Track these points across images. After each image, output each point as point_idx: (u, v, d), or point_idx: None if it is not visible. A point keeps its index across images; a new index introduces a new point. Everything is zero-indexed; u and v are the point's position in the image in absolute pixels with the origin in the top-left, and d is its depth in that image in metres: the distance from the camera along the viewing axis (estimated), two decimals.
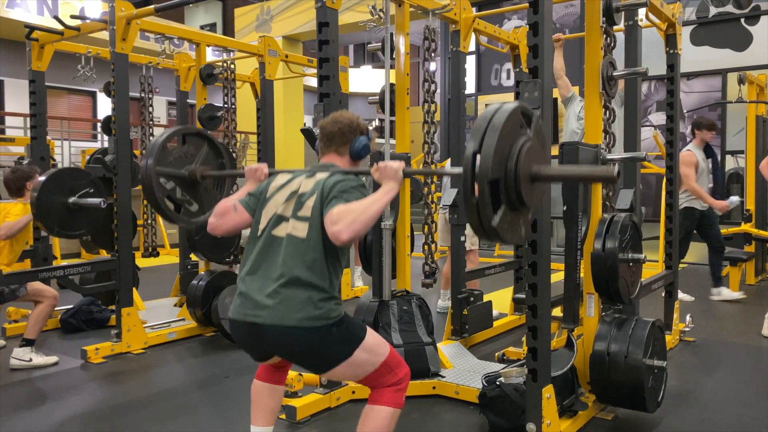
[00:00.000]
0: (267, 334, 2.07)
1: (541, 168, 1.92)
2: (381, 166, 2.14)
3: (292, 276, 2.05)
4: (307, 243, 2.08)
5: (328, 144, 2.34)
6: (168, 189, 3.25)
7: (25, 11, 11.12)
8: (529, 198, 1.91)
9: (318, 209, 2.10)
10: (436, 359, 3.54)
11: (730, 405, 3.34)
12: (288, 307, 2.03)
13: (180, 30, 5.74)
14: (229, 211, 2.32)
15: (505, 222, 1.87)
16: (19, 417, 3.23)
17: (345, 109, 2.44)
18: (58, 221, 4.14)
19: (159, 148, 3.17)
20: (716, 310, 5.58)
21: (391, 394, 2.18)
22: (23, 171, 4.32)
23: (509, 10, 9.51)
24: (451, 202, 4.06)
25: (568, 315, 3.04)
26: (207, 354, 4.36)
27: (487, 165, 1.79)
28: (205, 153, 3.39)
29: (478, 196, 1.80)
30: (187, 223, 3.41)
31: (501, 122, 1.84)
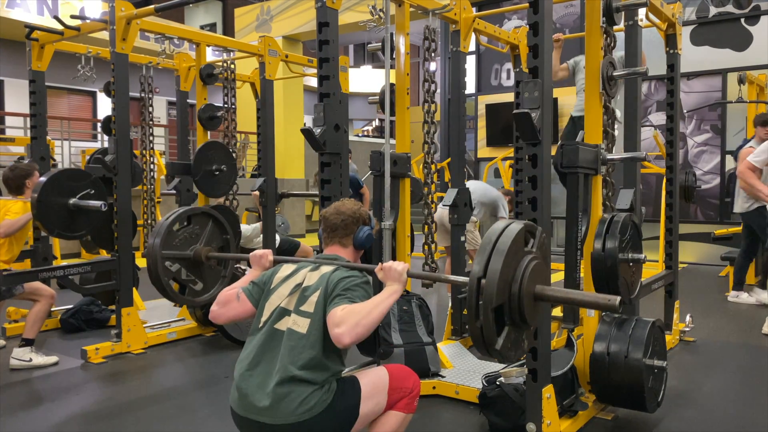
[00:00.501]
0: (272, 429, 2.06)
1: (544, 289, 1.95)
2: (385, 267, 2.16)
3: (289, 374, 2.03)
4: (307, 339, 2.07)
5: (332, 235, 2.36)
6: (173, 272, 3.28)
7: (25, 11, 11.12)
8: (532, 317, 1.94)
9: (321, 305, 2.09)
10: (436, 359, 3.54)
11: (730, 405, 3.34)
12: (287, 405, 2.01)
13: (180, 30, 5.74)
14: (231, 300, 2.32)
15: (509, 342, 1.91)
16: (19, 417, 3.23)
17: (347, 199, 2.47)
18: (58, 223, 4.13)
19: (165, 231, 3.19)
20: (716, 310, 5.58)
21: (405, 401, 2.21)
22: (22, 169, 4.30)
23: (509, 10, 9.51)
24: (451, 202, 4.06)
25: (568, 315, 3.04)
26: (207, 354, 4.36)
27: (491, 292, 1.82)
28: (210, 230, 3.42)
29: (483, 321, 1.82)
30: (192, 303, 3.43)
31: (506, 246, 1.85)
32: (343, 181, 3.39)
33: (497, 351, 1.87)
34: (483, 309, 1.82)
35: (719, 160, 8.40)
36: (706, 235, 7.94)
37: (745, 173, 4.90)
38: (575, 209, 2.97)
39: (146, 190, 6.51)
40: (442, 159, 10.07)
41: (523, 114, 2.52)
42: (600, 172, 3.10)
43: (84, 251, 8.29)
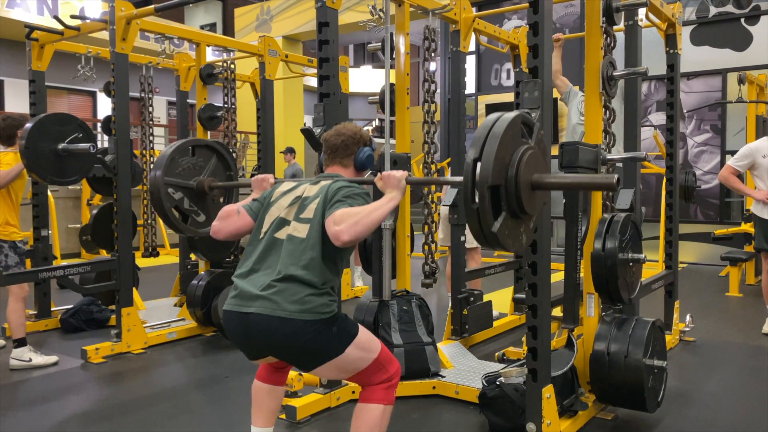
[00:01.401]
0: (258, 325, 2.04)
1: (541, 176, 1.92)
2: (384, 175, 2.18)
3: (288, 273, 2.05)
4: (306, 242, 2.09)
5: (332, 156, 2.37)
6: (176, 199, 3.27)
7: (25, 11, 11.12)
8: (530, 206, 1.91)
9: (320, 211, 2.11)
10: (436, 359, 3.54)
11: (730, 405, 3.34)
12: (281, 299, 2.02)
13: (180, 30, 5.74)
14: (232, 215, 2.33)
15: (506, 229, 1.87)
16: (19, 417, 3.23)
17: (347, 121, 2.47)
18: (49, 168, 4.05)
19: (168, 159, 3.18)
20: (716, 310, 5.58)
21: (382, 391, 2.18)
22: (14, 119, 4.22)
23: (509, 10, 9.50)
24: (451, 202, 4.06)
25: (568, 315, 3.04)
26: (207, 354, 4.36)
27: (487, 171, 1.80)
28: (214, 165, 3.42)
29: (479, 202, 1.80)
30: (194, 233, 3.42)
31: (501, 130, 1.84)
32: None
33: (494, 235, 1.84)
34: (479, 188, 1.80)
35: (719, 160, 8.40)
36: (706, 235, 7.94)
37: (729, 178, 4.80)
38: (575, 209, 2.97)
39: (146, 190, 6.51)
40: (442, 159, 10.07)
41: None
42: (600, 172, 3.10)
43: (84, 251, 8.29)
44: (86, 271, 4.47)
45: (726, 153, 8.34)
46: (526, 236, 2.01)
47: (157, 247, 6.56)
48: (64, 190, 8.94)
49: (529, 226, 2.03)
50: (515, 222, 1.92)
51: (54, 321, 4.95)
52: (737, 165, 4.77)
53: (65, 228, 9.00)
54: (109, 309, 5.01)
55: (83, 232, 7.79)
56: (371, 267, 3.74)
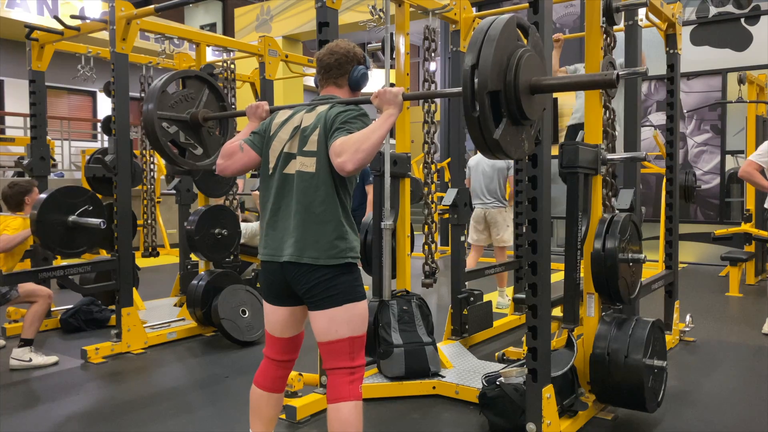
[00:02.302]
0: (290, 272, 2.16)
1: (540, 78, 1.89)
2: (380, 92, 2.14)
3: (309, 213, 2.12)
4: (318, 177, 2.13)
5: (326, 76, 2.33)
6: (171, 133, 3.22)
7: (25, 11, 11.12)
8: (530, 110, 1.88)
9: (323, 142, 2.13)
10: (436, 359, 3.54)
11: (730, 405, 3.34)
12: (308, 244, 2.12)
13: (180, 30, 5.74)
14: (236, 152, 2.33)
15: (507, 135, 1.84)
16: (19, 417, 3.23)
17: (341, 39, 2.40)
18: (58, 240, 4.13)
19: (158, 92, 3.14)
20: (716, 310, 5.58)
21: (347, 386, 2.18)
22: (21, 186, 4.30)
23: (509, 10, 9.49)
24: (452, 202, 4.06)
25: (568, 315, 3.04)
26: (207, 354, 4.36)
27: (485, 77, 1.76)
28: (206, 96, 3.38)
29: (479, 110, 1.78)
30: (193, 167, 3.38)
31: (497, 33, 1.80)
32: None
33: (496, 141, 1.81)
34: (479, 95, 1.77)
35: (719, 160, 8.40)
36: (706, 235, 7.94)
37: (753, 174, 4.63)
38: (575, 209, 2.97)
39: (146, 190, 6.51)
40: (442, 159, 10.07)
41: None
42: (600, 172, 3.10)
43: None
44: (86, 271, 4.47)
45: (726, 153, 8.35)
46: (528, 143, 1.99)
47: (157, 247, 6.56)
48: None
49: (531, 132, 2.00)
50: (516, 128, 1.89)
51: (54, 321, 4.95)
52: (761, 161, 4.69)
53: None
54: (109, 309, 5.01)
55: None
56: (371, 267, 3.74)
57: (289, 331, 2.32)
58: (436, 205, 4.15)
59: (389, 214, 3.48)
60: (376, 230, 3.59)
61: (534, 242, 2.60)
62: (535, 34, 2.00)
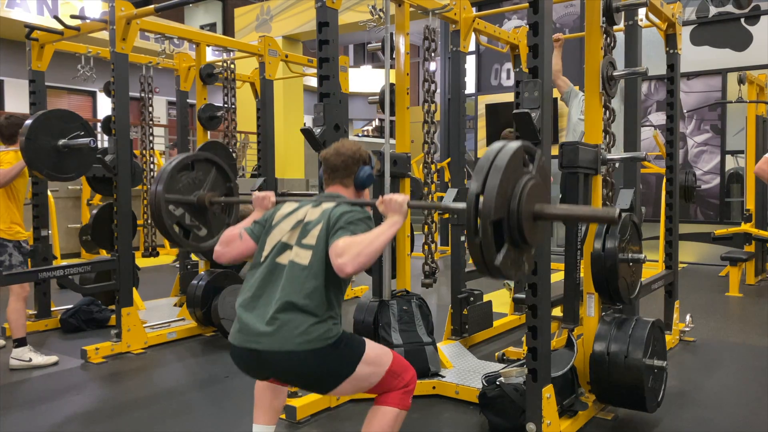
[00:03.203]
0: (269, 361, 2.06)
1: (543, 207, 1.92)
2: (386, 199, 2.16)
3: (290, 301, 2.04)
4: (309, 270, 2.08)
5: (332, 176, 2.36)
6: (177, 215, 3.26)
7: (25, 11, 11.12)
8: (532, 236, 1.91)
9: (323, 238, 2.10)
10: (436, 359, 3.54)
11: (730, 405, 3.34)
12: (286, 332, 2.01)
13: (180, 30, 5.74)
14: (234, 239, 2.32)
15: (508, 260, 1.88)
16: (19, 417, 3.23)
17: (346, 139, 2.46)
18: (48, 164, 4.02)
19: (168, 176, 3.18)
20: (716, 310, 5.58)
21: (399, 396, 2.19)
22: (17, 118, 4.21)
23: (509, 10, 9.50)
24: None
25: (568, 315, 3.04)
26: (207, 354, 4.36)
27: (490, 205, 1.79)
28: (214, 177, 3.41)
29: (481, 236, 1.81)
30: (196, 249, 3.42)
31: (504, 163, 1.83)
32: None
33: (497, 267, 1.83)
34: (482, 223, 1.79)
35: (719, 160, 8.40)
36: (706, 235, 7.94)
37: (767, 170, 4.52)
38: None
39: (146, 190, 6.51)
40: (442, 159, 10.07)
41: (523, 114, 2.52)
42: (600, 172, 3.10)
43: (84, 251, 8.29)
44: (86, 271, 4.47)
45: (726, 153, 8.35)
46: (528, 264, 2.02)
47: (157, 247, 6.56)
48: (64, 190, 8.94)
49: (531, 254, 2.04)
50: (517, 252, 1.93)
51: (54, 321, 4.95)
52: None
53: (65, 228, 8.99)
54: (109, 309, 5.01)
55: (83, 232, 7.79)
56: (371, 267, 3.74)
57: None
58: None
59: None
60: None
61: None
62: (541, 158, 2.02)
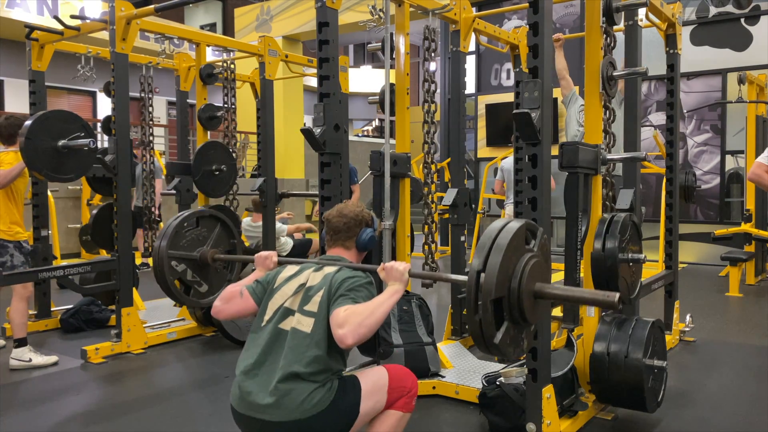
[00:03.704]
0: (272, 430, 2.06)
1: (544, 287, 1.93)
2: (387, 267, 2.19)
3: (293, 372, 2.04)
4: (311, 339, 2.08)
5: (335, 237, 2.40)
6: (179, 272, 3.27)
7: (25, 11, 11.11)
8: (532, 315, 1.92)
9: (325, 305, 2.11)
10: (436, 359, 3.54)
11: (730, 405, 3.34)
12: (289, 401, 2.03)
13: (180, 30, 5.74)
14: (235, 297, 2.33)
15: (507, 338, 1.89)
16: (19, 417, 3.23)
17: (349, 201, 2.51)
18: (48, 164, 3.98)
19: (173, 232, 3.18)
20: (716, 310, 5.58)
21: (405, 399, 2.22)
22: (17, 118, 4.21)
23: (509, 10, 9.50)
24: (452, 202, 4.06)
25: (568, 315, 3.04)
26: (207, 354, 4.36)
27: (490, 284, 1.81)
28: (218, 234, 3.41)
29: (481, 314, 1.81)
30: (196, 305, 3.41)
31: (506, 242, 1.85)
32: (343, 181, 3.40)
33: (496, 345, 1.85)
34: (482, 301, 1.81)
35: (719, 160, 8.40)
36: (706, 235, 7.94)
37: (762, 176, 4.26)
38: (575, 209, 2.97)
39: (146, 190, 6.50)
40: (442, 159, 10.07)
41: (523, 114, 2.52)
42: (600, 172, 3.10)
43: (84, 251, 8.29)
44: (86, 271, 4.47)
45: (726, 153, 8.35)
46: (527, 341, 2.03)
47: None
48: (64, 190, 8.94)
49: (530, 331, 2.04)
50: (517, 329, 1.94)
51: (54, 321, 4.95)
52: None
53: (65, 228, 8.99)
54: (109, 309, 5.01)
55: (83, 232, 7.79)
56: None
57: None
58: (436, 205, 4.14)
59: (389, 214, 3.48)
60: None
61: None
62: (543, 237, 2.03)
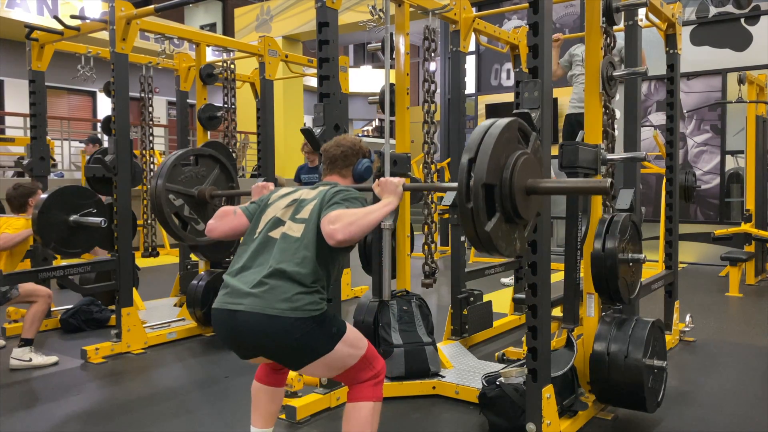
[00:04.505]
0: (246, 323, 2.02)
1: (537, 180, 1.92)
2: (382, 181, 2.22)
3: (279, 269, 2.05)
4: (300, 242, 2.10)
5: (331, 166, 2.41)
6: (176, 206, 3.26)
7: (25, 11, 11.12)
8: (525, 210, 1.91)
9: (316, 212, 2.13)
10: (436, 359, 3.54)
11: (730, 405, 3.34)
12: (271, 296, 2.01)
13: (180, 30, 5.74)
14: (228, 214, 2.35)
15: (499, 231, 1.86)
16: (19, 417, 3.23)
17: (346, 133, 2.52)
18: (56, 237, 4.12)
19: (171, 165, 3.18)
20: (716, 310, 5.58)
21: (370, 388, 2.19)
22: (26, 187, 4.33)
23: (509, 10, 9.51)
24: (451, 202, 4.05)
25: (568, 315, 3.04)
26: (207, 354, 4.36)
27: (482, 170, 1.80)
28: (216, 175, 3.41)
29: (473, 201, 1.80)
30: (193, 241, 3.41)
31: (497, 132, 1.85)
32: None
33: (487, 235, 1.82)
34: (473, 187, 1.79)
35: (719, 160, 8.40)
36: (706, 235, 7.94)
37: None
38: (575, 209, 2.97)
39: (146, 190, 6.51)
40: (442, 159, 10.07)
41: (523, 114, 2.52)
42: (600, 172, 3.10)
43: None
44: (86, 271, 4.47)
45: (726, 153, 8.34)
46: (520, 242, 2.01)
47: (157, 247, 6.56)
48: None
49: (524, 233, 2.03)
50: (509, 226, 1.92)
51: (54, 321, 4.95)
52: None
53: None
54: (109, 309, 5.01)
55: None
56: (371, 267, 3.74)
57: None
58: (436, 205, 4.14)
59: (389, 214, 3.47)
60: (375, 230, 3.59)
61: (534, 242, 2.60)
62: (536, 140, 2.03)
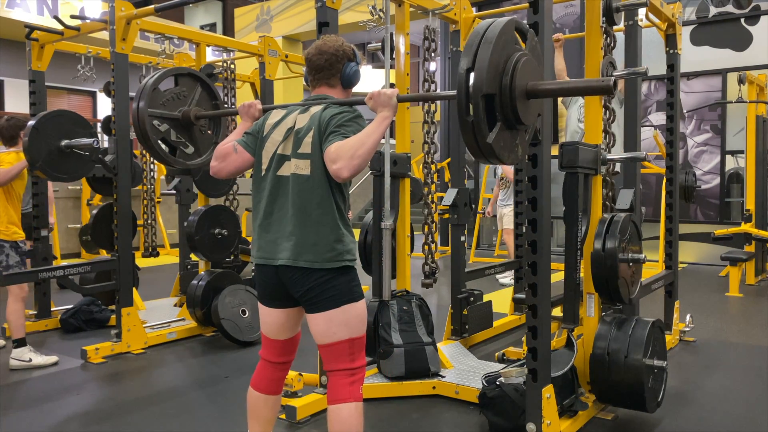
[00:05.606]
0: (285, 275, 2.16)
1: (537, 83, 1.86)
2: (375, 94, 2.13)
3: (304, 215, 2.11)
4: (313, 180, 2.13)
5: (317, 77, 2.29)
6: (162, 131, 3.16)
7: (25, 11, 11.11)
8: (525, 114, 1.85)
9: (317, 145, 2.12)
10: (436, 359, 3.54)
11: (730, 405, 3.34)
12: (303, 248, 2.11)
13: (180, 30, 5.74)
14: (230, 153, 2.31)
15: (501, 140, 1.82)
16: (19, 417, 3.23)
17: (328, 35, 2.35)
18: (46, 159, 4.01)
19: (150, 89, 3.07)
20: (716, 310, 5.58)
21: (347, 388, 2.18)
22: (18, 119, 4.25)
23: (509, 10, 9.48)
24: (452, 202, 4.06)
25: (568, 315, 3.04)
26: (207, 354, 4.36)
27: (481, 79, 1.74)
28: (199, 94, 3.31)
29: (473, 113, 1.76)
30: (184, 165, 3.32)
31: (494, 36, 1.78)
32: None
33: (489, 146, 1.79)
34: (473, 98, 1.74)
35: (719, 160, 8.40)
36: (706, 235, 7.94)
37: None
38: (575, 209, 2.97)
39: (146, 190, 6.51)
40: (442, 159, 10.06)
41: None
42: (600, 172, 3.10)
43: (84, 251, 8.29)
44: (86, 271, 4.47)
45: (726, 153, 8.34)
46: (522, 148, 1.97)
47: (157, 247, 6.56)
48: (64, 190, 8.94)
49: (525, 138, 1.98)
50: (510, 133, 1.87)
51: (54, 321, 4.95)
52: None
53: (65, 228, 8.99)
54: (109, 309, 5.01)
55: (83, 232, 7.80)
56: (371, 267, 3.74)
57: (286, 333, 2.32)
58: (436, 205, 4.14)
59: (389, 214, 3.48)
60: (376, 230, 3.59)
61: (534, 242, 2.60)
62: (533, 39, 1.99)
